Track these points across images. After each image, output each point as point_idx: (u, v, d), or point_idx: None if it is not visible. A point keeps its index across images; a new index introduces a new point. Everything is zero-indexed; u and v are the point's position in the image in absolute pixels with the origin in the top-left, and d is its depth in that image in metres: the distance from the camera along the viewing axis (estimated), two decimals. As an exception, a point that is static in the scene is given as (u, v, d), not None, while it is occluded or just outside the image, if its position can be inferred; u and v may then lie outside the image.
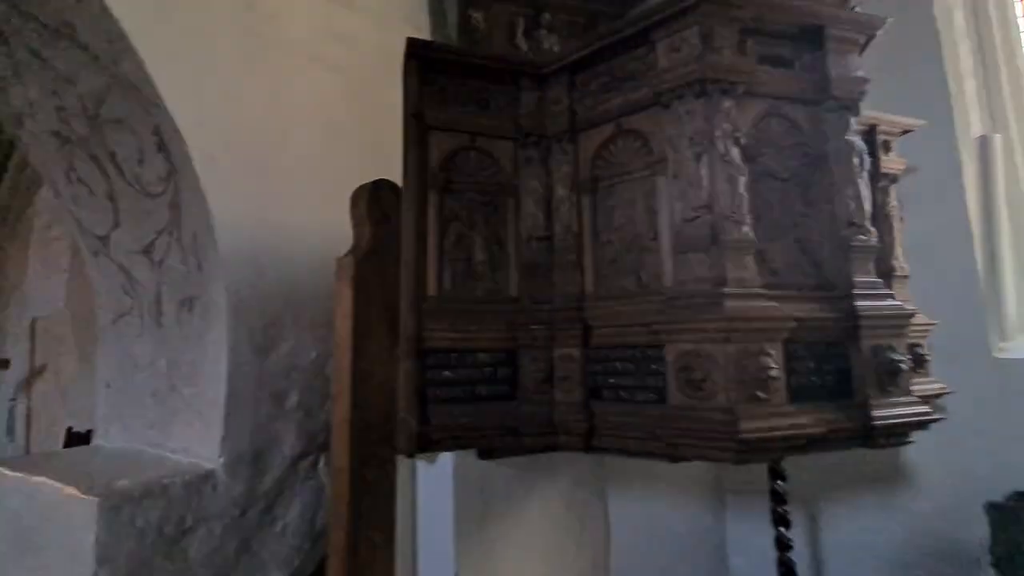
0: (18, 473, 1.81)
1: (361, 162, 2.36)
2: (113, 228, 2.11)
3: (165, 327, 2.03)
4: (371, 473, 1.22)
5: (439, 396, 1.36)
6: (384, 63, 2.59)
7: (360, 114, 2.37)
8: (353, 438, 1.18)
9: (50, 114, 1.96)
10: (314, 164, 2.13)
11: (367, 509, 1.20)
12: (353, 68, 2.36)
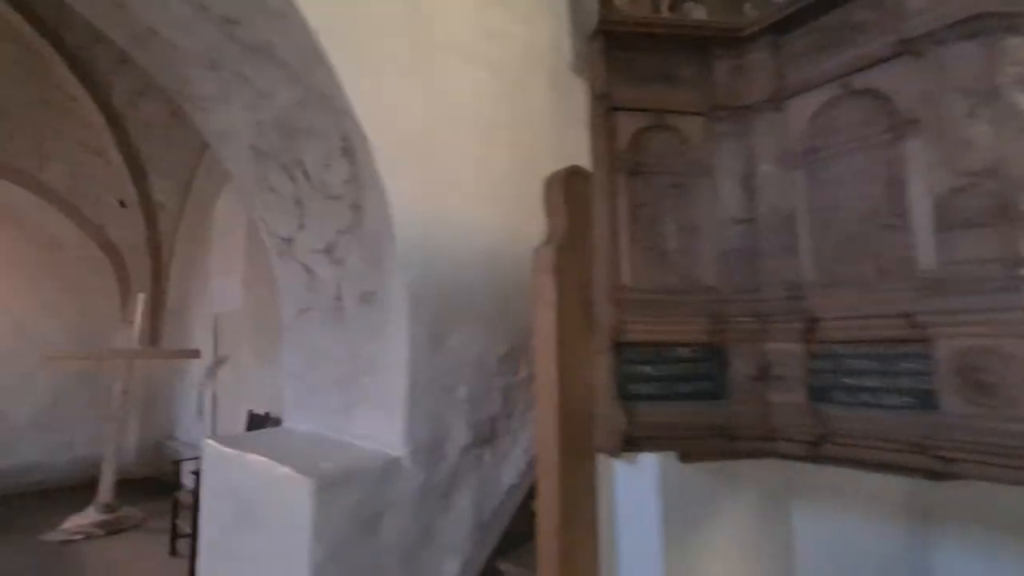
0: (234, 450, 2.05)
1: (512, 158, 2.38)
2: (298, 230, 2.32)
3: (345, 321, 2.18)
4: (576, 471, 1.17)
5: (638, 393, 1.27)
6: (532, 58, 2.60)
7: (511, 110, 2.37)
8: (563, 434, 1.14)
9: (249, 129, 2.20)
10: (474, 162, 2.16)
11: (573, 508, 1.16)
12: (505, 65, 2.36)
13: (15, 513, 4.39)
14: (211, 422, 5.28)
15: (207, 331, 5.65)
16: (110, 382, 6.39)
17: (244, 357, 4.81)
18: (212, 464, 2.17)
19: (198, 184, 6.05)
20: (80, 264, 6.26)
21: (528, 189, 2.42)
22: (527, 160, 2.41)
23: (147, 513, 4.58)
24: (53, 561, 3.66)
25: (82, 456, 6.11)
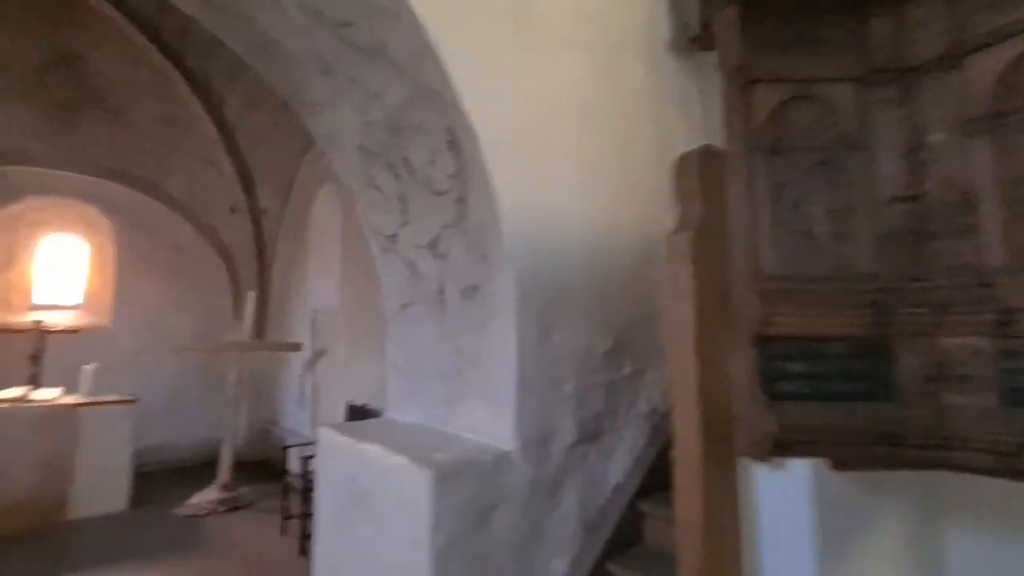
0: (347, 438, 2.14)
1: (610, 144, 2.30)
2: (401, 227, 2.38)
3: (448, 314, 2.20)
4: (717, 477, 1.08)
5: (785, 392, 1.15)
6: (628, 39, 2.50)
7: (608, 94, 2.29)
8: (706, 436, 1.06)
9: (357, 130, 2.29)
10: (573, 150, 2.10)
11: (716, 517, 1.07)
12: (601, 48, 2.28)
13: (150, 487, 4.92)
14: (311, 411, 5.64)
15: (306, 326, 6.03)
16: (224, 372, 7.04)
17: (340, 351, 5.08)
18: (326, 450, 2.28)
19: (297, 190, 6.48)
20: (199, 265, 6.93)
21: (625, 176, 2.34)
22: (624, 145, 2.32)
23: (258, 494, 4.97)
24: (184, 532, 4.06)
25: (202, 438, 6.77)
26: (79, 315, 6.27)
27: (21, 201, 5.95)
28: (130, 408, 4.73)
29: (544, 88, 2.02)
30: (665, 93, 2.61)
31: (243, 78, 5.52)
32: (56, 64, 5.27)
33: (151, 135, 6.15)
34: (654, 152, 2.47)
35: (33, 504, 4.17)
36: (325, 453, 2.28)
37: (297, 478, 3.87)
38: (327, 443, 2.27)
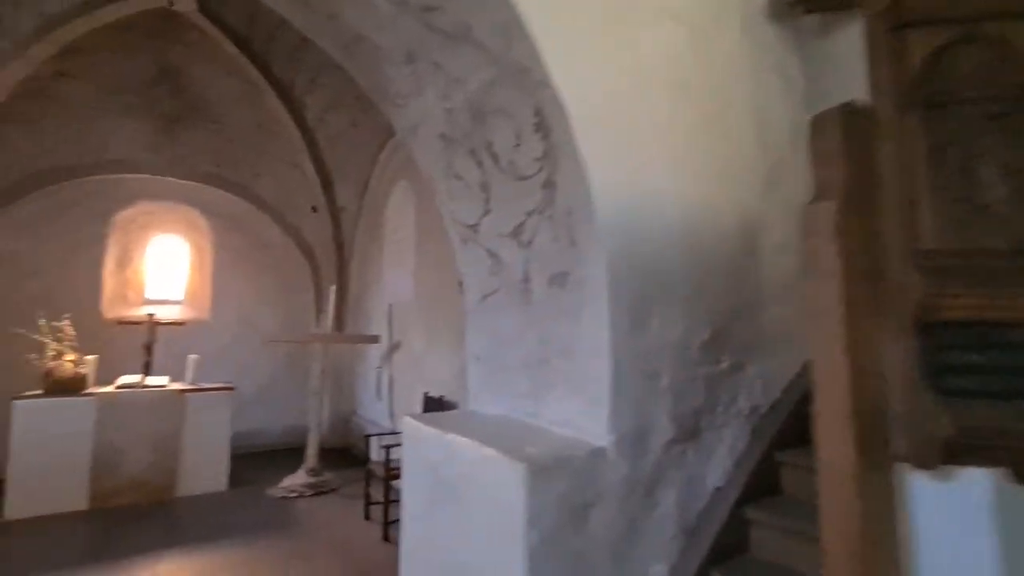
0: (433, 428, 2.13)
1: (704, 118, 2.12)
2: (483, 215, 2.34)
3: (533, 304, 2.13)
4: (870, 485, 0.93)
5: (955, 388, 0.97)
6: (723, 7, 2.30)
7: (703, 66, 2.11)
8: (860, 436, 0.91)
9: (439, 118, 2.27)
10: (666, 126, 1.96)
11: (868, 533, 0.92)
12: (694, 16, 2.11)
13: (245, 470, 5.27)
14: (388, 402, 5.81)
15: (383, 319, 6.22)
16: (309, 363, 7.44)
17: (416, 343, 5.18)
18: (411, 440, 2.29)
19: (372, 188, 6.69)
20: (285, 263, 7.35)
21: (721, 154, 2.15)
22: (720, 120, 2.14)
23: (342, 479, 5.18)
24: (276, 513, 4.30)
25: (291, 425, 7.20)
26: (183, 309, 6.84)
27: (134, 206, 6.57)
28: (228, 395, 5.08)
29: (636, 62, 1.89)
30: (763, 63, 2.39)
31: (322, 82, 5.77)
32: (160, 80, 5.74)
33: (243, 142, 6.59)
34: (752, 127, 2.27)
35: (148, 481, 4.59)
36: (410, 443, 2.29)
37: (378, 466, 3.97)
38: (412, 433, 2.28)
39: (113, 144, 6.16)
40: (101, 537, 3.77)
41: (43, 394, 4.38)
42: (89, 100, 5.61)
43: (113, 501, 4.42)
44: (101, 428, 4.45)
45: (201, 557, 3.38)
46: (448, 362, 4.37)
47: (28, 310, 5.08)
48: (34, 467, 4.18)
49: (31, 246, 5.95)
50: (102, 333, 5.80)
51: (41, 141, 5.73)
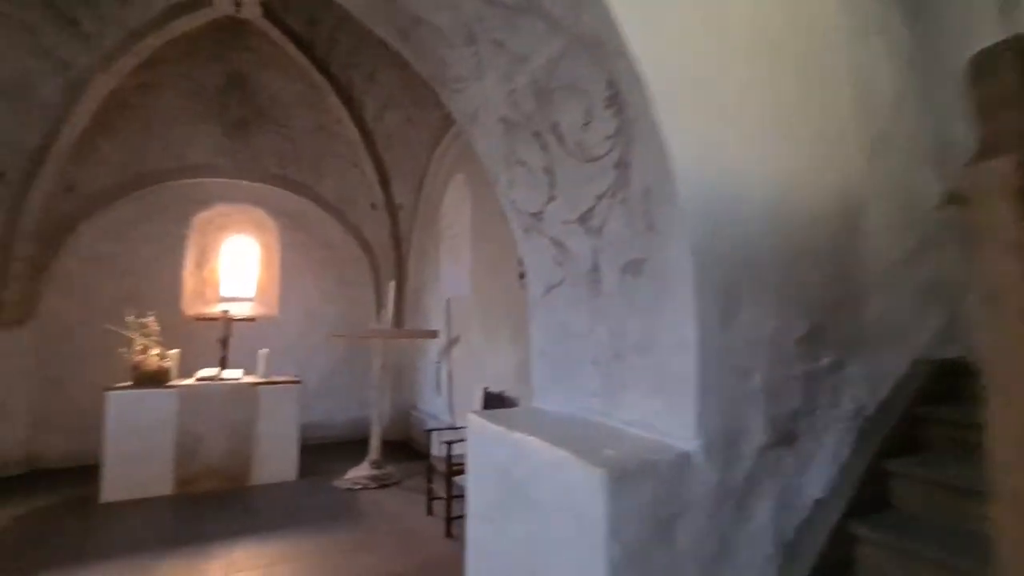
0: (499, 426, 2.04)
1: (799, 85, 1.89)
2: (547, 202, 2.22)
3: (604, 295, 1.99)
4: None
5: None
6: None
7: (799, 28, 1.88)
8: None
9: (501, 101, 2.16)
10: (754, 95, 1.75)
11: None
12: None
13: (312, 460, 5.44)
14: (448, 396, 5.82)
15: (440, 314, 6.24)
16: (370, 358, 7.62)
17: (474, 337, 5.14)
18: (477, 438, 2.21)
19: (428, 184, 6.72)
20: (346, 260, 7.56)
21: (820, 125, 1.91)
22: (818, 88, 1.90)
23: (403, 473, 5.24)
24: (343, 504, 4.40)
25: (353, 418, 7.41)
26: (254, 306, 7.18)
27: (211, 208, 6.95)
28: (296, 388, 5.25)
29: (720, 25, 1.70)
30: (863, 23, 2.11)
31: (379, 80, 5.83)
32: (230, 86, 6.01)
33: (306, 143, 6.80)
34: (852, 94, 2.01)
35: (225, 469, 4.82)
36: (476, 440, 2.21)
37: (440, 461, 3.96)
38: (477, 430, 2.20)
39: (190, 150, 6.52)
40: (184, 521, 3.98)
41: (132, 386, 4.69)
42: (168, 109, 5.95)
43: (194, 487, 4.69)
44: (183, 418, 4.72)
45: (273, 545, 3.49)
46: (507, 357, 4.29)
47: (120, 307, 5.47)
48: (125, 454, 4.48)
49: (122, 248, 6.41)
50: (182, 329, 6.17)
51: (128, 150, 6.15)
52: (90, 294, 6.15)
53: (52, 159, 5.34)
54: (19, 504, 4.37)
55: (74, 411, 5.80)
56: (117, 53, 4.94)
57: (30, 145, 5.21)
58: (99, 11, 4.69)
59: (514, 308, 4.18)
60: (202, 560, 3.26)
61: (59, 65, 4.91)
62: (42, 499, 4.52)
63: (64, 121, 5.21)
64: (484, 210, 5.16)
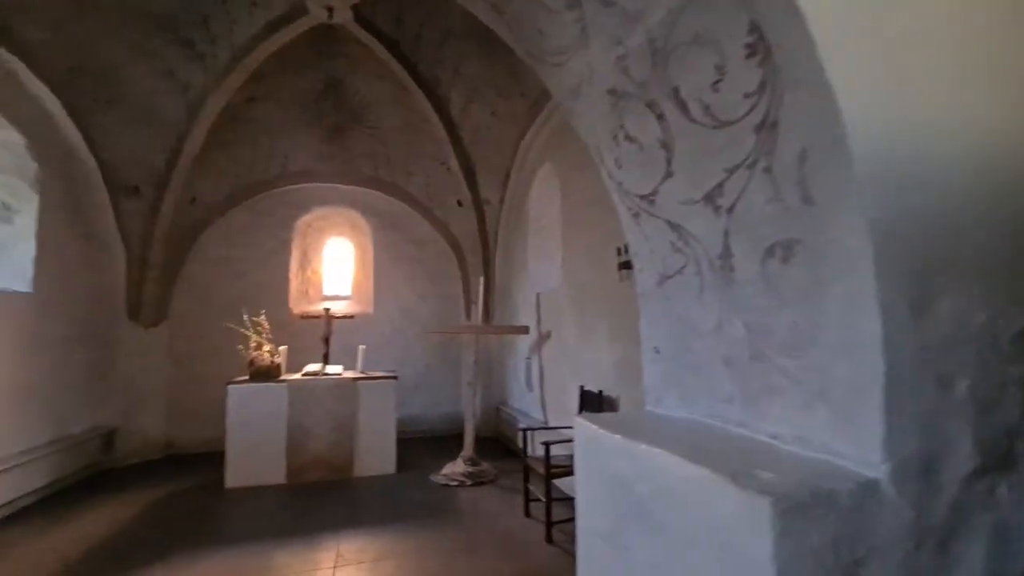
0: (612, 433, 1.82)
1: (1005, 14, 1.47)
2: (663, 181, 1.95)
3: (738, 284, 1.70)
4: None
5: None
6: None
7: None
8: None
9: (608, 70, 1.93)
10: (946, 28, 1.37)
11: None
12: None
13: (409, 455, 5.55)
14: (539, 394, 5.67)
15: (530, 309, 6.11)
16: (459, 353, 7.70)
17: (567, 333, 4.94)
18: (588, 444, 2.01)
19: (514, 178, 6.60)
20: (435, 257, 7.67)
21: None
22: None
23: (497, 470, 5.17)
24: (440, 500, 4.40)
25: (444, 413, 7.52)
26: (351, 304, 7.50)
27: (311, 212, 7.35)
28: (392, 383, 5.36)
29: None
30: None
31: (464, 74, 5.78)
32: (326, 93, 6.28)
33: (396, 144, 6.97)
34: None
35: (331, 460, 5.03)
36: (586, 447, 2.01)
37: (537, 462, 3.80)
38: (587, 436, 1.99)
39: (292, 157, 6.92)
40: (295, 510, 4.18)
41: (248, 380, 5.03)
42: (272, 119, 6.34)
43: (304, 476, 4.94)
44: (293, 411, 4.98)
45: (377, 540, 3.53)
46: (605, 354, 4.04)
47: (235, 307, 5.92)
48: (245, 444, 4.82)
49: (236, 252, 6.96)
50: (288, 326, 6.57)
51: (238, 161, 6.64)
52: (210, 296, 6.74)
53: (177, 173, 5.88)
54: (157, 487, 4.85)
55: (203, 402, 6.39)
56: (227, 70, 5.30)
57: (159, 162, 5.76)
58: (210, 32, 5.05)
59: (613, 302, 3.92)
60: (312, 551, 3.37)
61: (180, 86, 5.37)
62: (177, 483, 4.99)
63: (186, 138, 5.70)
64: (574, 200, 4.93)
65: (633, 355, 3.60)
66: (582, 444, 2.04)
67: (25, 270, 4.54)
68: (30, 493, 4.34)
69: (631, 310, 3.68)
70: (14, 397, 4.30)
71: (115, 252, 5.83)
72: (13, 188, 4.50)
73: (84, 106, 4.94)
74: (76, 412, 5.22)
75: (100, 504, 4.35)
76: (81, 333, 5.30)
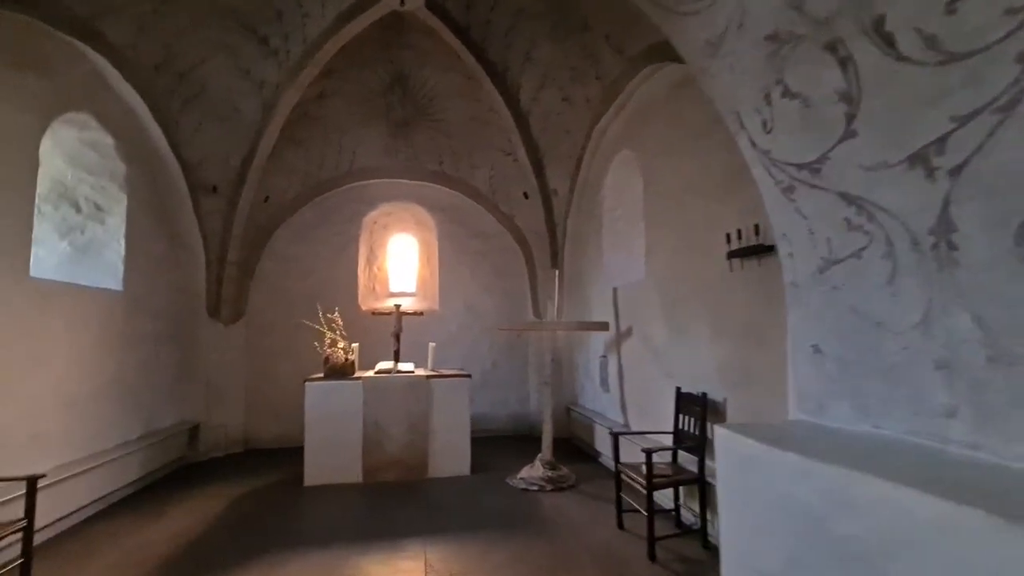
0: (786, 452, 1.49)
1: None
2: (838, 143, 1.60)
3: (965, 267, 1.33)
4: None
5: None
6: None
7: None
8: None
9: (770, 10, 1.60)
10: None
11: None
12: None
13: (481, 455, 5.35)
14: (619, 394, 5.33)
15: (604, 304, 5.77)
16: (527, 352, 7.46)
17: (652, 330, 4.57)
18: (742, 464, 1.69)
19: (585, 166, 6.26)
20: (500, 251, 7.46)
21: None
22: None
23: (576, 474, 4.89)
24: (523, 506, 4.17)
25: (514, 412, 7.31)
26: (416, 300, 7.42)
27: (377, 208, 7.31)
28: (465, 381, 5.18)
29: None
30: None
31: (535, 58, 5.50)
32: (393, 87, 6.18)
33: (461, 137, 6.80)
34: None
35: (405, 460, 4.92)
36: (741, 466, 1.69)
37: (631, 469, 3.49)
38: (744, 454, 1.67)
39: (360, 154, 6.89)
40: (375, 511, 4.06)
41: (323, 377, 4.99)
42: (340, 115, 6.31)
43: (379, 476, 4.84)
44: (368, 409, 4.90)
45: (464, 548, 3.33)
46: (705, 352, 3.66)
47: (307, 304, 5.95)
48: (322, 441, 4.78)
49: (305, 249, 7.01)
50: (359, 323, 6.55)
51: (309, 159, 6.67)
52: (283, 293, 6.83)
53: (253, 172, 5.94)
54: (240, 482, 4.89)
55: (278, 398, 6.48)
56: (300, 65, 5.28)
57: (235, 161, 5.85)
58: (283, 28, 5.03)
59: (717, 295, 3.54)
60: (399, 558, 3.21)
61: (256, 84, 5.40)
62: (258, 479, 5.02)
63: (261, 136, 5.75)
64: (661, 187, 4.55)
65: (745, 355, 3.21)
66: (734, 462, 1.72)
67: (116, 269, 4.67)
68: (124, 487, 4.46)
69: (742, 304, 3.28)
70: (109, 392, 4.43)
71: (196, 251, 5.97)
72: (104, 189, 4.64)
73: (167, 105, 5.04)
74: (163, 407, 5.37)
75: (188, 498, 4.41)
76: (167, 330, 5.45)
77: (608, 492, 4.45)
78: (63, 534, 3.59)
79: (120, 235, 4.73)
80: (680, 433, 3.68)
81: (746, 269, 3.17)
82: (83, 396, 4.06)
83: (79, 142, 4.37)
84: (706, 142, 3.67)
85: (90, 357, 4.18)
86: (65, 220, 4.42)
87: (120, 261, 4.70)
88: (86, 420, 4.10)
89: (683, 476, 3.35)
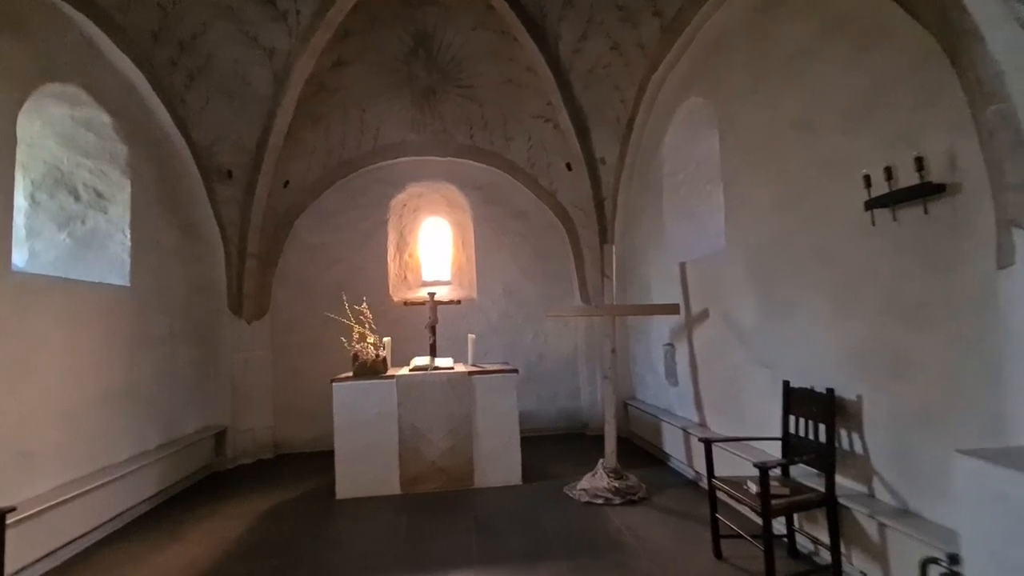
0: None
1: None
2: None
3: None
4: None
5: None
6: None
7: None
8: None
9: None
10: None
11: None
12: None
13: (530, 459, 4.67)
14: (692, 389, 4.56)
15: (668, 283, 4.99)
16: (576, 340, 6.72)
17: (739, 311, 3.78)
18: (1000, 501, 0.95)
19: (638, 127, 5.44)
20: (539, 229, 6.74)
21: None
22: None
23: (645, 482, 4.16)
24: (591, 525, 3.49)
25: (563, 408, 6.61)
26: (451, 289, 6.79)
27: (405, 189, 6.69)
28: (512, 377, 4.52)
29: None
30: None
31: (577, 2, 4.73)
32: (415, 50, 5.50)
33: (493, 103, 6.08)
34: None
35: (447, 468, 4.30)
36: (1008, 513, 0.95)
37: (735, 486, 2.75)
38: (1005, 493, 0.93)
39: (384, 129, 6.28)
40: (419, 532, 3.47)
41: (352, 376, 4.41)
42: (360, 86, 5.68)
43: (419, 487, 4.25)
44: (404, 411, 4.31)
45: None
46: (825, 336, 2.86)
47: (332, 296, 5.39)
48: (354, 448, 4.22)
49: (330, 237, 6.47)
50: (390, 315, 5.98)
51: (329, 137, 6.09)
52: (307, 285, 6.31)
53: (269, 154, 5.40)
54: (267, 496, 4.39)
55: (308, 399, 5.98)
56: (311, 28, 4.67)
57: (249, 142, 5.31)
58: (291, -17, 4.42)
59: (845, 260, 2.73)
60: (447, 599, 2.58)
61: (264, 53, 4.83)
62: (286, 490, 4.52)
63: (275, 113, 5.20)
64: (742, 137, 3.74)
65: (892, 339, 2.41)
66: (999, 510, 0.98)
67: (122, 263, 4.20)
68: (139, 504, 4.01)
69: (888, 270, 2.37)
70: (120, 399, 3.97)
71: (212, 243, 5.50)
72: (104, 174, 4.16)
73: (169, 79, 4.52)
74: (185, 413, 4.93)
75: (208, 516, 3.94)
76: (183, 328, 4.99)
77: (687, 505, 3.73)
78: (53, 571, 3.12)
79: (125, 225, 4.25)
80: (791, 439, 2.91)
81: (900, 222, 2.35)
82: (83, 405, 3.59)
83: (72, 120, 3.89)
84: (818, 64, 2.84)
85: (91, 361, 3.71)
86: (63, 209, 3.96)
87: (126, 254, 4.23)
88: (88, 432, 3.63)
89: (805, 497, 2.58)
